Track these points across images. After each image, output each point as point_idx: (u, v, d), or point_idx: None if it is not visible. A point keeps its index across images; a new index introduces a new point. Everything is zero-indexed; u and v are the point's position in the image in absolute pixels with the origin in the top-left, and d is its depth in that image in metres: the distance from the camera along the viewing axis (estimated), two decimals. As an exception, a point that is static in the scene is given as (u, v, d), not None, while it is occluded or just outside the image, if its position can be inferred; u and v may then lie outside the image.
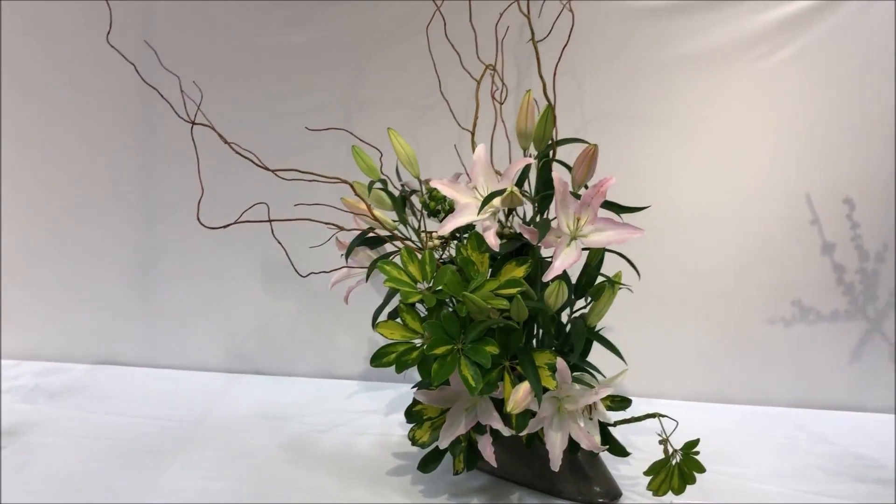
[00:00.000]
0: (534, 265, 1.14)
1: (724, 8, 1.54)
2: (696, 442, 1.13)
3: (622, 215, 1.16)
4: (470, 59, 1.38)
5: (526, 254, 1.17)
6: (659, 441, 1.14)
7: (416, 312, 1.15)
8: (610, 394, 1.15)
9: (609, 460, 1.30)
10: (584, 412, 1.15)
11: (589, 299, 1.23)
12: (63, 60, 1.64)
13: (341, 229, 1.30)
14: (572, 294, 1.23)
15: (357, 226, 1.32)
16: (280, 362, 1.78)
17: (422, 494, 1.26)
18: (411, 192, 1.31)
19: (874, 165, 1.59)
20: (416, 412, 1.22)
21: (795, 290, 1.67)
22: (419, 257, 1.16)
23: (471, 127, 1.34)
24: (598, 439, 1.15)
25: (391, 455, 1.39)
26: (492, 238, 1.12)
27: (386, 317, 1.19)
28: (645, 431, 1.26)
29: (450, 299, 1.16)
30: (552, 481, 1.25)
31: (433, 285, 1.13)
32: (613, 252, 1.21)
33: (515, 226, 1.22)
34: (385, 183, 1.29)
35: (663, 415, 1.16)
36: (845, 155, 1.59)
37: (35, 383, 1.65)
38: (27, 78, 1.66)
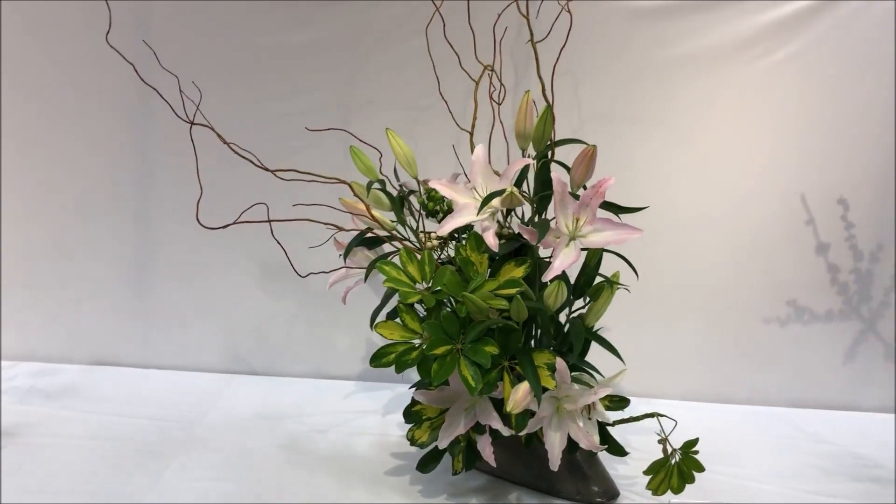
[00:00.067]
0: (532, 265, 1.14)
1: (721, 9, 1.54)
2: (696, 441, 1.13)
3: (620, 215, 1.17)
4: (468, 60, 1.39)
5: (525, 254, 1.17)
6: (658, 440, 1.15)
7: (416, 312, 1.15)
8: (608, 394, 1.16)
9: (607, 460, 1.30)
10: (583, 412, 1.15)
11: (587, 299, 1.23)
12: (62, 60, 1.63)
13: (340, 229, 1.30)
14: (571, 294, 1.23)
15: (355, 226, 1.32)
16: (277, 363, 1.77)
17: (420, 495, 1.26)
18: (409, 193, 1.31)
19: (868, 165, 1.61)
20: (415, 412, 1.22)
21: (791, 290, 1.68)
22: (418, 258, 1.16)
23: (469, 127, 1.34)
24: (597, 439, 1.16)
25: (389, 455, 1.39)
26: (491, 238, 1.12)
27: (384, 317, 1.19)
28: (642, 431, 1.26)
29: (448, 299, 1.17)
30: (551, 481, 1.25)
31: (432, 285, 1.13)
32: (612, 252, 1.21)
33: (514, 226, 1.22)
34: (383, 183, 1.29)
35: (662, 414, 1.16)
36: (840, 155, 1.60)
37: (31, 384, 1.64)
38: (25, 77, 1.65)
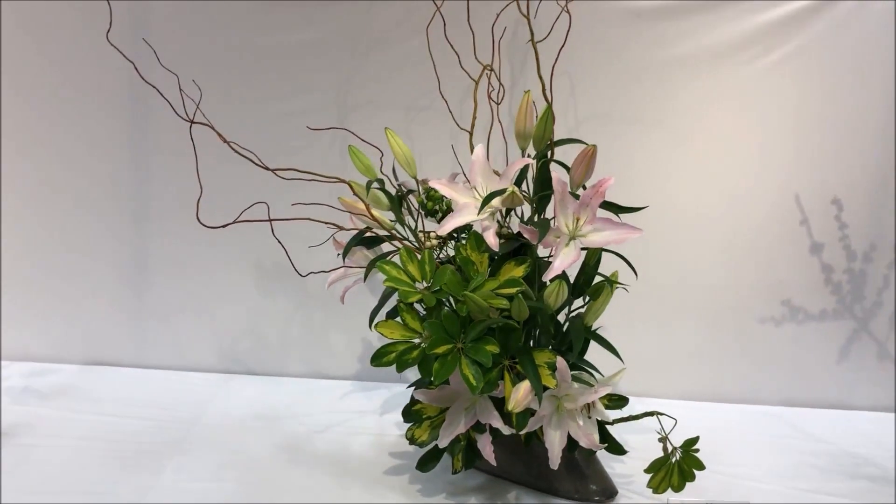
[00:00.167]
0: (532, 265, 1.15)
1: (720, 9, 1.55)
2: (696, 439, 1.14)
3: (620, 215, 1.17)
4: (466, 60, 1.39)
5: (524, 254, 1.17)
6: (658, 439, 1.15)
7: (416, 312, 1.15)
8: (608, 392, 1.16)
9: (604, 459, 1.31)
10: (583, 411, 1.15)
11: (587, 299, 1.23)
12: (61, 59, 1.62)
13: (341, 229, 1.30)
14: (570, 293, 1.24)
15: (354, 226, 1.32)
16: (273, 362, 1.77)
17: (420, 494, 1.26)
18: (408, 192, 1.31)
19: (862, 166, 1.62)
20: (415, 411, 1.22)
21: (785, 290, 1.69)
22: (418, 257, 1.17)
23: (468, 127, 1.34)
24: (597, 437, 1.16)
25: (388, 455, 1.39)
26: (491, 238, 1.12)
27: (383, 317, 1.19)
28: (639, 430, 1.27)
29: (447, 299, 1.17)
30: (549, 480, 1.26)
31: (432, 285, 1.14)
32: (611, 252, 1.22)
33: (513, 226, 1.23)
34: (382, 183, 1.29)
35: (662, 413, 1.17)
36: (834, 155, 1.61)
37: (25, 384, 1.63)
38: (24, 76, 1.63)
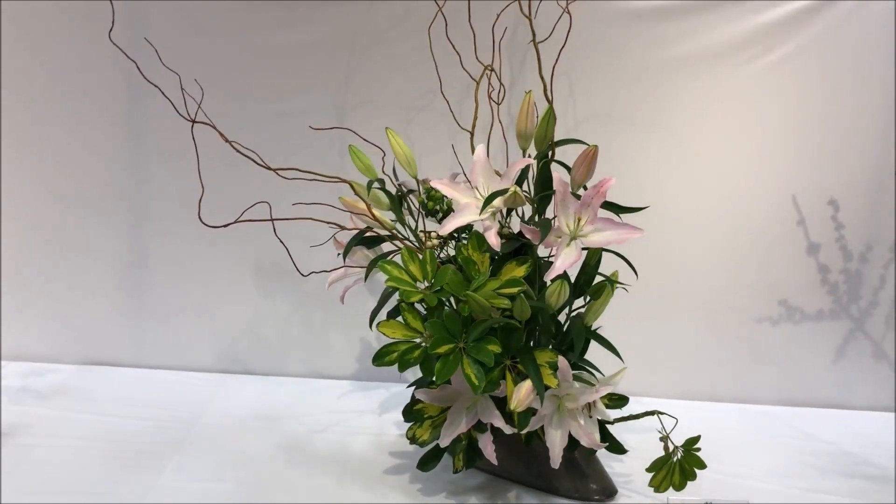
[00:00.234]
0: (533, 265, 1.15)
1: (720, 9, 1.56)
2: (697, 438, 1.14)
3: (620, 215, 1.17)
4: (466, 60, 1.39)
5: (525, 253, 1.18)
6: (660, 438, 1.15)
7: (418, 312, 1.15)
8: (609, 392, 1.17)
9: (603, 458, 1.31)
10: (584, 410, 1.16)
11: (587, 298, 1.24)
12: (61, 58, 1.61)
13: (342, 228, 1.30)
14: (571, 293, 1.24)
15: (355, 225, 1.32)
16: (273, 362, 1.76)
17: (420, 493, 1.26)
18: (408, 192, 1.31)
19: (859, 166, 1.62)
20: (416, 411, 1.22)
21: (782, 290, 1.70)
22: (420, 257, 1.17)
23: (468, 127, 1.34)
24: (598, 437, 1.16)
25: (388, 454, 1.39)
26: (493, 238, 1.12)
27: (383, 317, 1.19)
28: (639, 430, 1.28)
29: (448, 299, 1.17)
30: (549, 479, 1.26)
31: (434, 285, 1.14)
32: (611, 252, 1.22)
33: (513, 226, 1.23)
34: (383, 182, 1.29)
35: (663, 412, 1.17)
36: (833, 156, 1.62)
37: (23, 384, 1.62)
38: (24, 76, 1.63)
